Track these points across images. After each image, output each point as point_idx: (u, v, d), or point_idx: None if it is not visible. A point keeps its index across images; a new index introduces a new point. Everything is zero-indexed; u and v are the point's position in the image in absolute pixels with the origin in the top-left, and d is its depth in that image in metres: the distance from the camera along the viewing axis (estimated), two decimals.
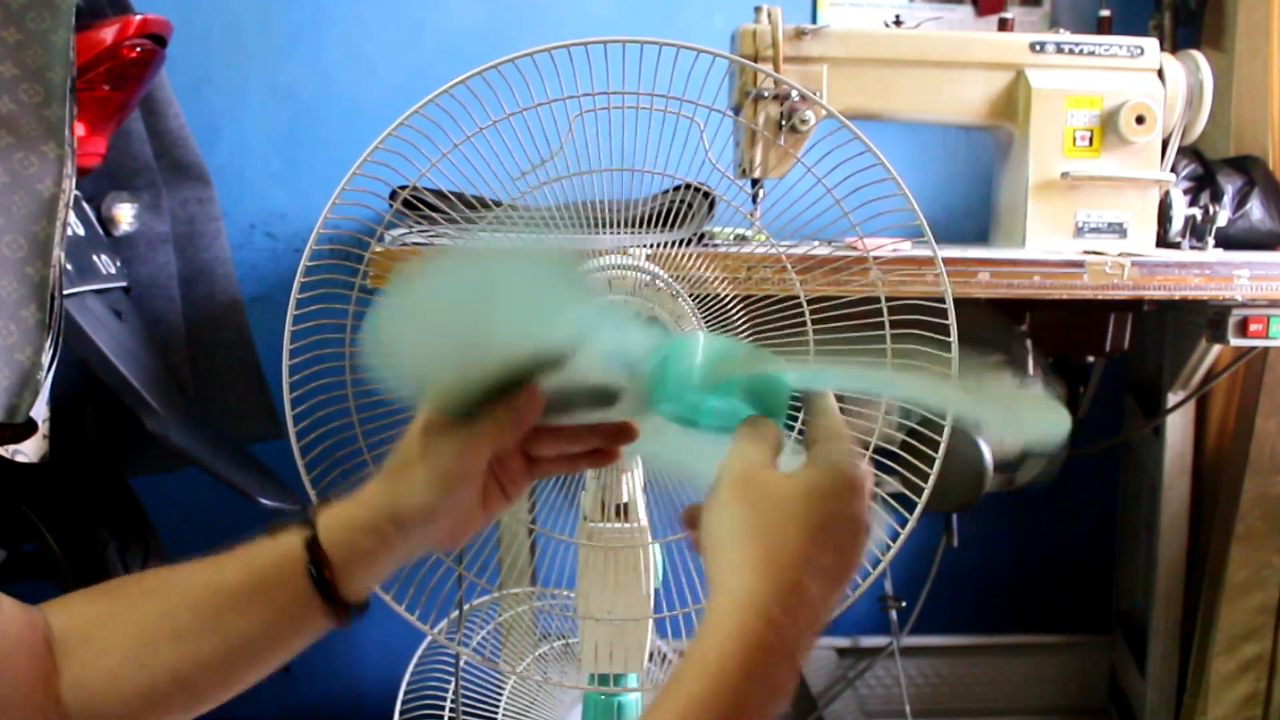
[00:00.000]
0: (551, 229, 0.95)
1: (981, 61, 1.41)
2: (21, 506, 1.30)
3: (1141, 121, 1.38)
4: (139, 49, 1.27)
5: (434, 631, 0.94)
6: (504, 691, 1.38)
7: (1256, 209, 1.54)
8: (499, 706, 1.37)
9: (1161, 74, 1.41)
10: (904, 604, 1.70)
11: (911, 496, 0.89)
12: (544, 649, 1.37)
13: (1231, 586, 1.63)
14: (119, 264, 1.37)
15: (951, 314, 0.90)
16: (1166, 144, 1.43)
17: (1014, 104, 1.42)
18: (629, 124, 0.90)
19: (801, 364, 0.59)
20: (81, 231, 1.31)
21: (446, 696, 1.35)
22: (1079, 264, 1.23)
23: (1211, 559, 1.68)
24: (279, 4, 1.69)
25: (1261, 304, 1.30)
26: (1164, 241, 1.46)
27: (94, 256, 1.31)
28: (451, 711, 1.32)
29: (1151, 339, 1.67)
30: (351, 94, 1.71)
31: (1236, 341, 1.34)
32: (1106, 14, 1.53)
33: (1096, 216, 1.41)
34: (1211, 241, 1.43)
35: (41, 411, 1.06)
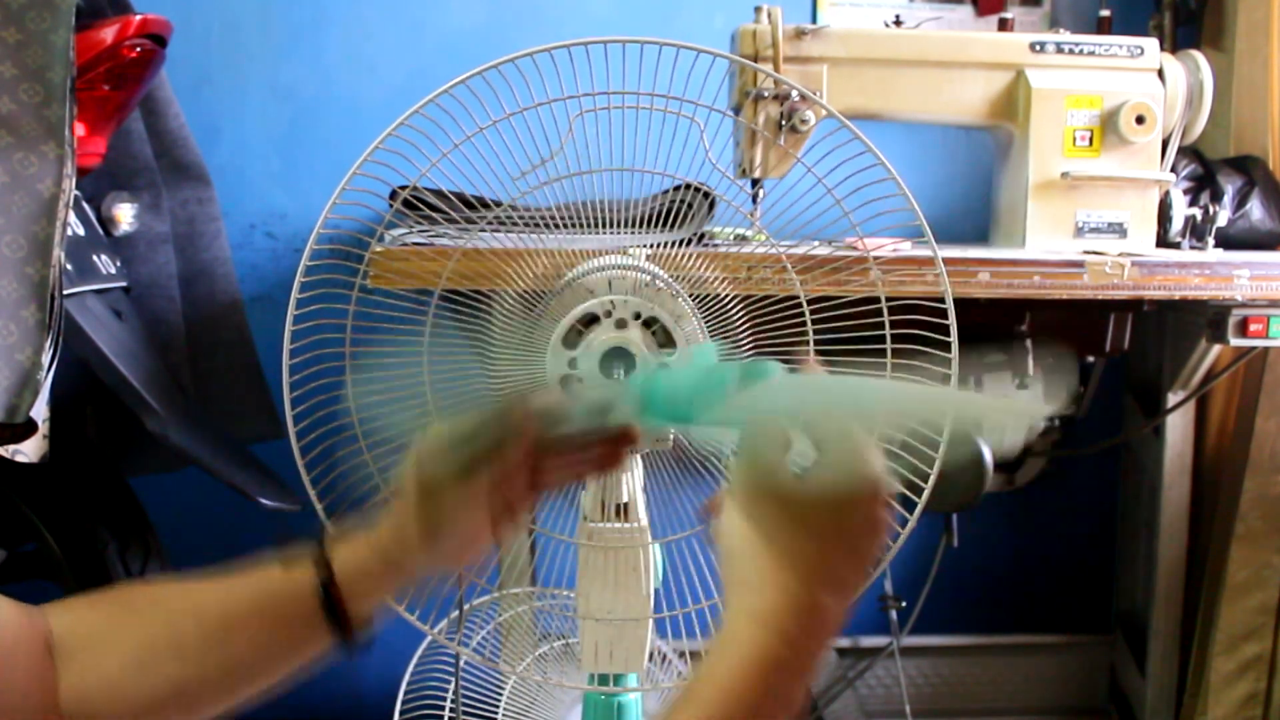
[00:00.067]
0: (551, 229, 0.95)
1: (981, 61, 1.41)
2: (21, 506, 1.30)
3: (1141, 121, 1.38)
4: (139, 49, 1.27)
5: (434, 631, 0.94)
6: (504, 691, 1.38)
7: (1256, 209, 1.54)
8: (499, 706, 1.37)
9: (1161, 74, 1.41)
10: (904, 604, 1.70)
11: (911, 496, 0.89)
12: (544, 649, 1.37)
13: (1231, 586, 1.63)
14: (119, 264, 1.37)
15: (951, 314, 0.90)
16: (1166, 144, 1.43)
17: (1014, 104, 1.42)
18: (629, 124, 0.90)
19: (783, 385, 0.58)
20: (81, 231, 1.31)
21: (446, 696, 1.35)
22: (1079, 264, 1.23)
23: (1211, 559, 1.68)
24: (279, 4, 1.68)
25: (1261, 304, 1.30)
26: (1164, 241, 1.46)
27: (94, 256, 1.31)
28: (451, 711, 1.32)
29: (1151, 339, 1.67)
30: (351, 94, 1.71)
31: (1236, 341, 1.34)
32: (1106, 14, 1.53)
33: (1096, 216, 1.41)
34: (1211, 241, 1.43)
35: (41, 411, 1.06)
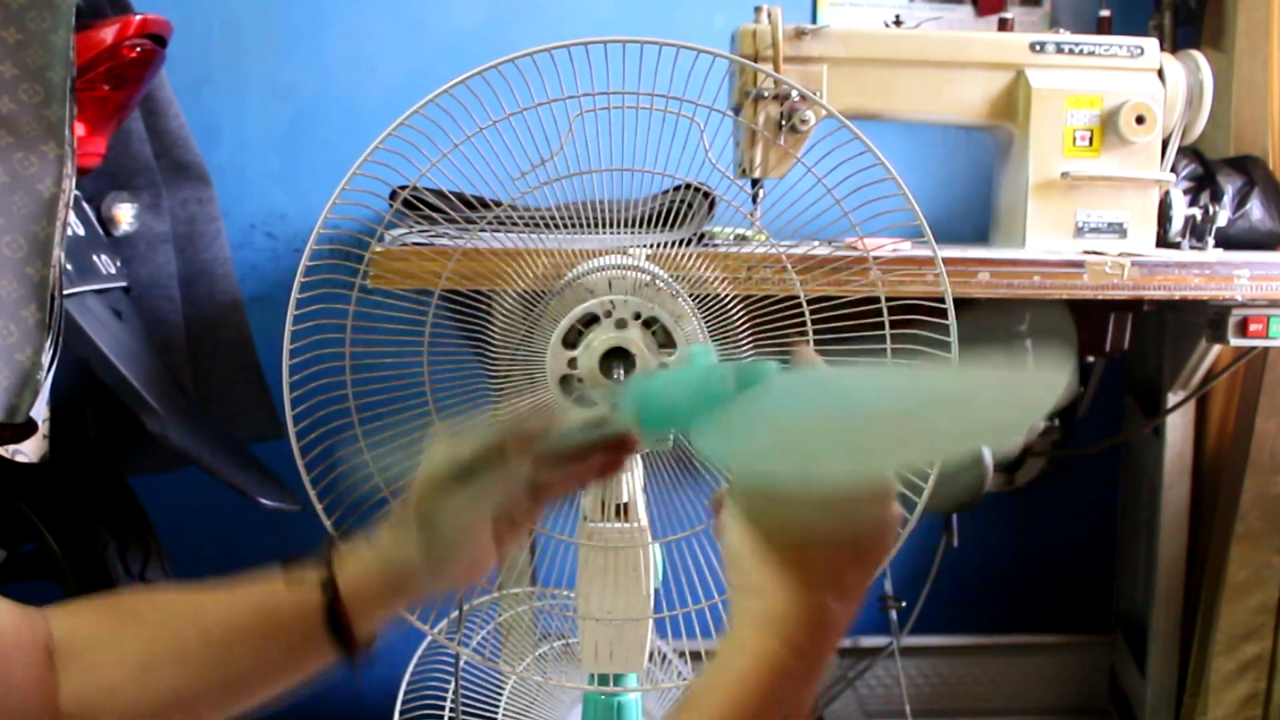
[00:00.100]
0: (551, 229, 0.95)
1: (981, 61, 1.41)
2: (21, 506, 1.30)
3: (1141, 121, 1.38)
4: (139, 49, 1.27)
5: (434, 631, 0.94)
6: (504, 691, 1.38)
7: (1256, 209, 1.54)
8: (499, 706, 1.37)
9: (1161, 74, 1.41)
10: (904, 604, 1.70)
11: (911, 497, 0.89)
12: (544, 649, 1.37)
13: (1231, 586, 1.63)
14: (119, 264, 1.37)
15: (951, 314, 0.90)
16: (1166, 144, 1.43)
17: (1014, 104, 1.42)
18: (629, 124, 0.90)
19: (781, 389, 0.56)
20: (81, 231, 1.31)
21: (446, 696, 1.35)
22: (1079, 264, 1.23)
23: (1211, 559, 1.68)
24: (279, 4, 1.68)
25: (1261, 304, 1.30)
26: (1164, 241, 1.46)
27: (94, 256, 1.31)
28: (451, 711, 1.32)
29: (1151, 339, 1.67)
30: (351, 94, 1.71)
31: (1236, 341, 1.34)
32: (1106, 14, 1.53)
33: (1096, 216, 1.41)
34: (1211, 241, 1.43)
35: (41, 411, 1.06)
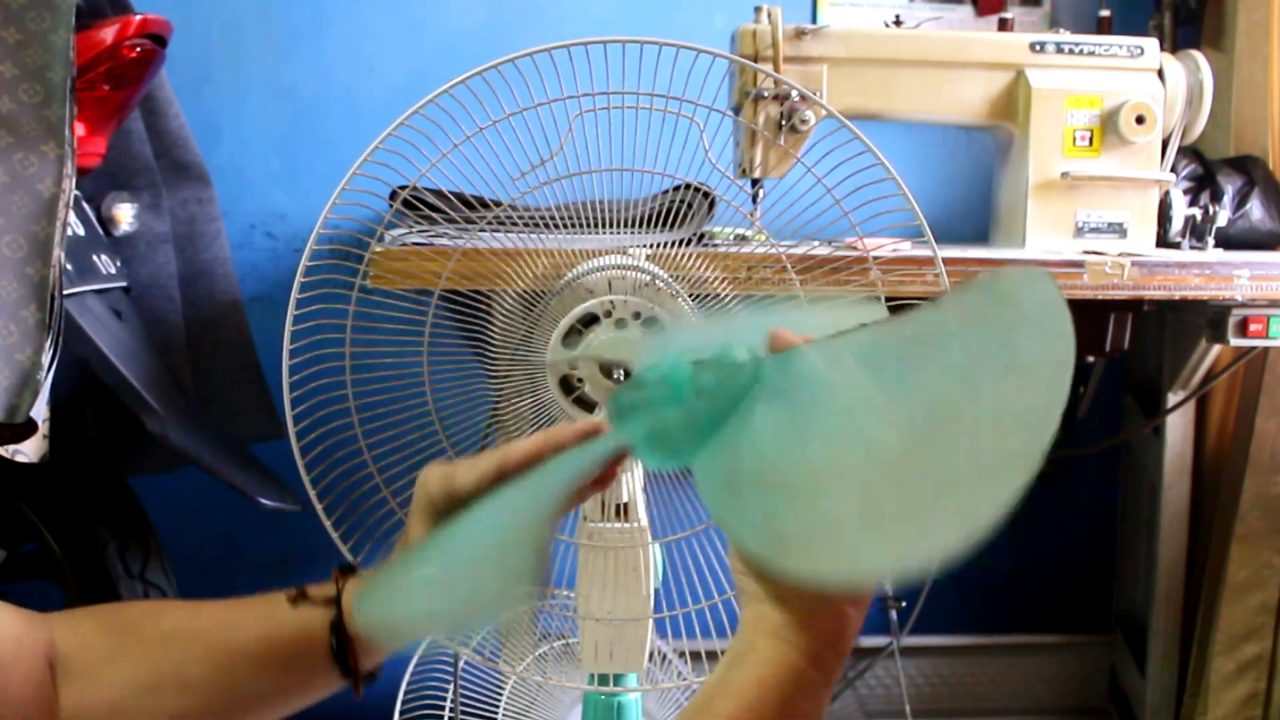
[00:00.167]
0: (551, 229, 0.95)
1: (981, 61, 1.41)
2: (21, 506, 1.30)
3: (1141, 121, 1.38)
4: (139, 49, 1.27)
5: None
6: (504, 691, 1.38)
7: (1256, 209, 1.54)
8: (499, 707, 1.37)
9: (1161, 74, 1.41)
10: (904, 604, 1.70)
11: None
12: (544, 649, 1.37)
13: (1231, 586, 1.63)
14: (119, 264, 1.37)
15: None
16: (1166, 144, 1.43)
17: (1014, 104, 1.42)
18: (629, 124, 0.90)
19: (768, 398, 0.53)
20: (81, 231, 1.31)
21: (446, 696, 1.35)
22: (1079, 264, 1.23)
23: (1211, 559, 1.68)
24: (279, 4, 1.68)
25: (1261, 304, 1.30)
26: (1164, 241, 1.46)
27: (94, 256, 1.31)
28: (451, 711, 1.32)
29: (1151, 339, 1.67)
30: (351, 94, 1.71)
31: (1236, 341, 1.33)
32: (1106, 14, 1.53)
33: (1096, 216, 1.41)
34: (1211, 241, 1.43)
35: (41, 411, 1.06)
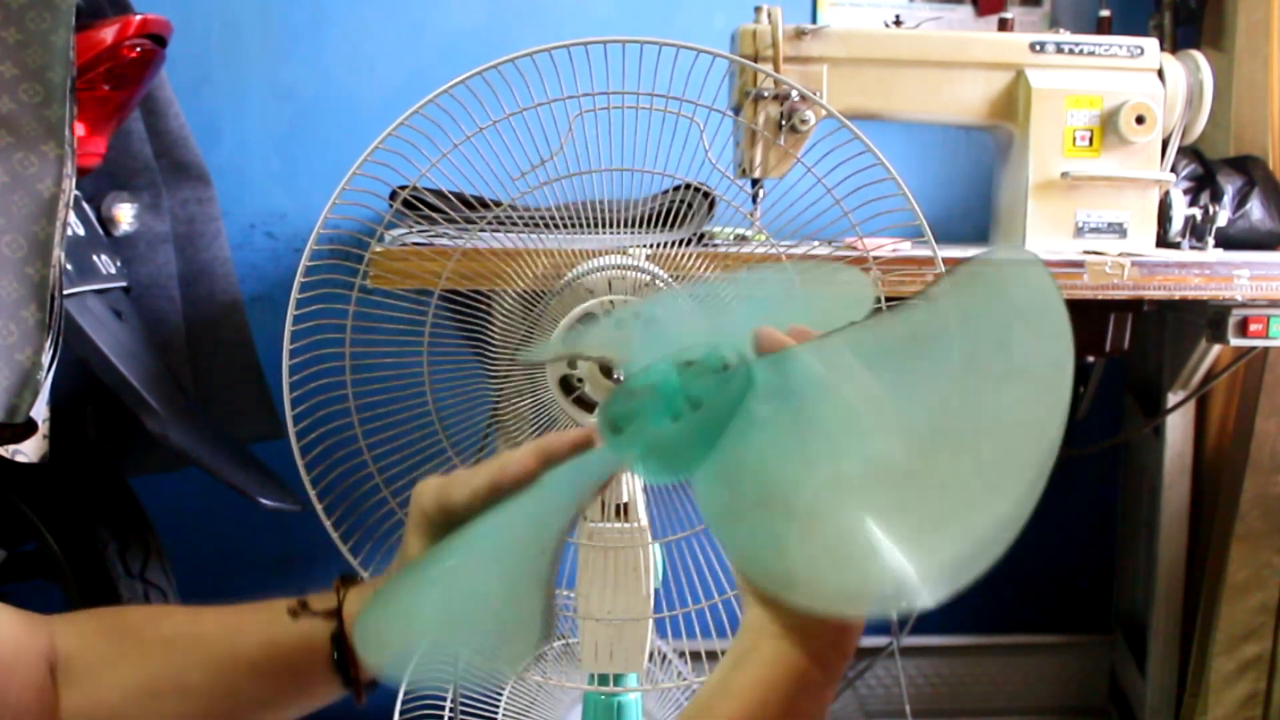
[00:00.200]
0: (551, 229, 0.95)
1: (981, 61, 1.41)
2: (21, 506, 1.30)
3: (1141, 121, 1.38)
4: (139, 49, 1.27)
5: None
6: (504, 691, 1.38)
7: (1256, 209, 1.54)
8: (499, 706, 1.37)
9: (1161, 74, 1.41)
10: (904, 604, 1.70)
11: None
12: (544, 649, 1.37)
13: (1231, 586, 1.63)
14: (119, 264, 1.37)
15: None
16: (1166, 144, 1.43)
17: (1014, 104, 1.42)
18: (629, 124, 0.90)
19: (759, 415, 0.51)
20: (81, 231, 1.31)
21: (446, 696, 1.35)
22: (1079, 264, 1.23)
23: (1211, 559, 1.68)
24: (279, 4, 1.68)
25: (1261, 304, 1.30)
26: (1164, 241, 1.46)
27: (94, 256, 1.31)
28: (451, 711, 1.32)
29: (1151, 339, 1.67)
30: (351, 94, 1.71)
31: (1236, 341, 1.34)
32: (1106, 14, 1.53)
33: (1096, 216, 1.41)
34: (1211, 241, 1.43)
35: (41, 411, 1.06)
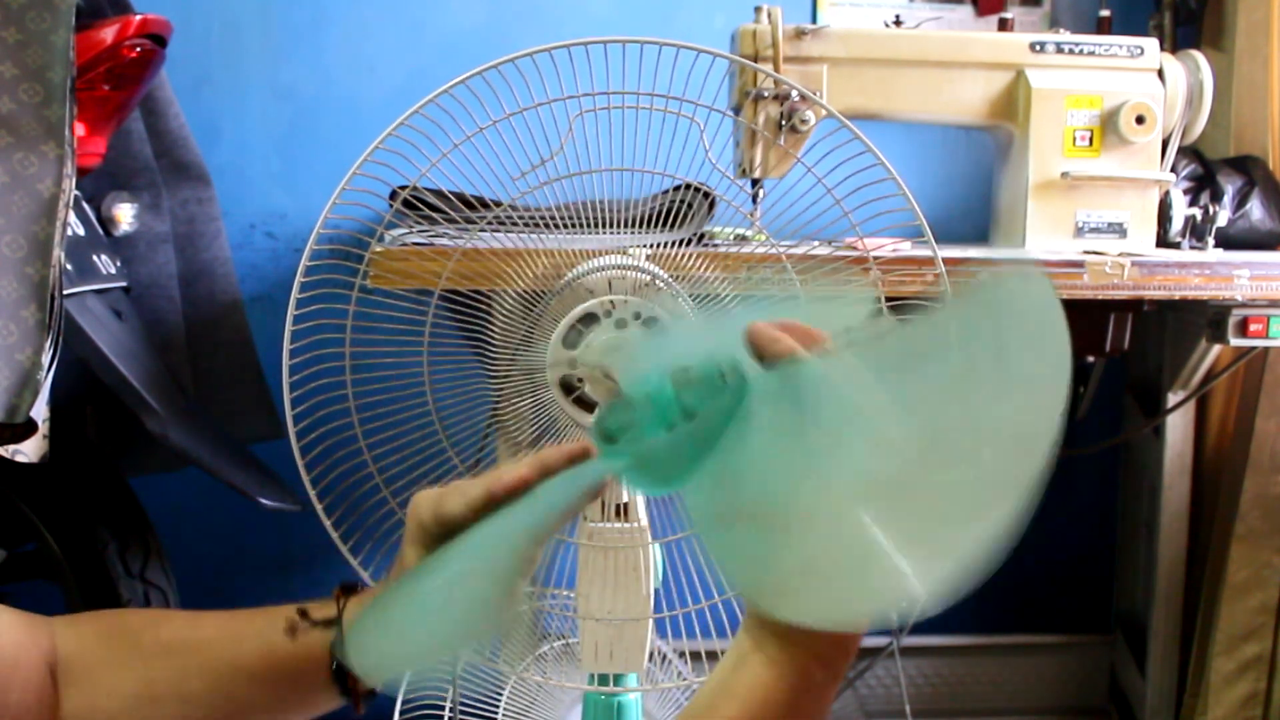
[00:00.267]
0: (551, 229, 0.95)
1: (981, 61, 1.41)
2: (21, 506, 1.30)
3: (1141, 121, 1.38)
4: (139, 49, 1.27)
5: None
6: (504, 692, 1.38)
7: (1256, 209, 1.54)
8: (499, 706, 1.37)
9: (1161, 74, 1.41)
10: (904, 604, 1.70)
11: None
12: (544, 649, 1.37)
13: (1231, 586, 1.63)
14: (119, 264, 1.37)
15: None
16: (1166, 144, 1.43)
17: (1014, 104, 1.42)
18: (629, 124, 0.90)
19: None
20: (81, 231, 1.31)
21: (446, 696, 1.35)
22: (1079, 264, 1.23)
23: (1211, 559, 1.68)
24: (279, 4, 1.68)
25: (1261, 304, 1.30)
26: (1164, 241, 1.46)
27: (94, 256, 1.31)
28: (451, 712, 1.32)
29: (1151, 339, 1.67)
30: (351, 94, 1.71)
31: (1236, 341, 1.33)
32: (1106, 14, 1.53)
33: (1096, 216, 1.41)
34: (1211, 241, 1.43)
35: (41, 411, 1.06)
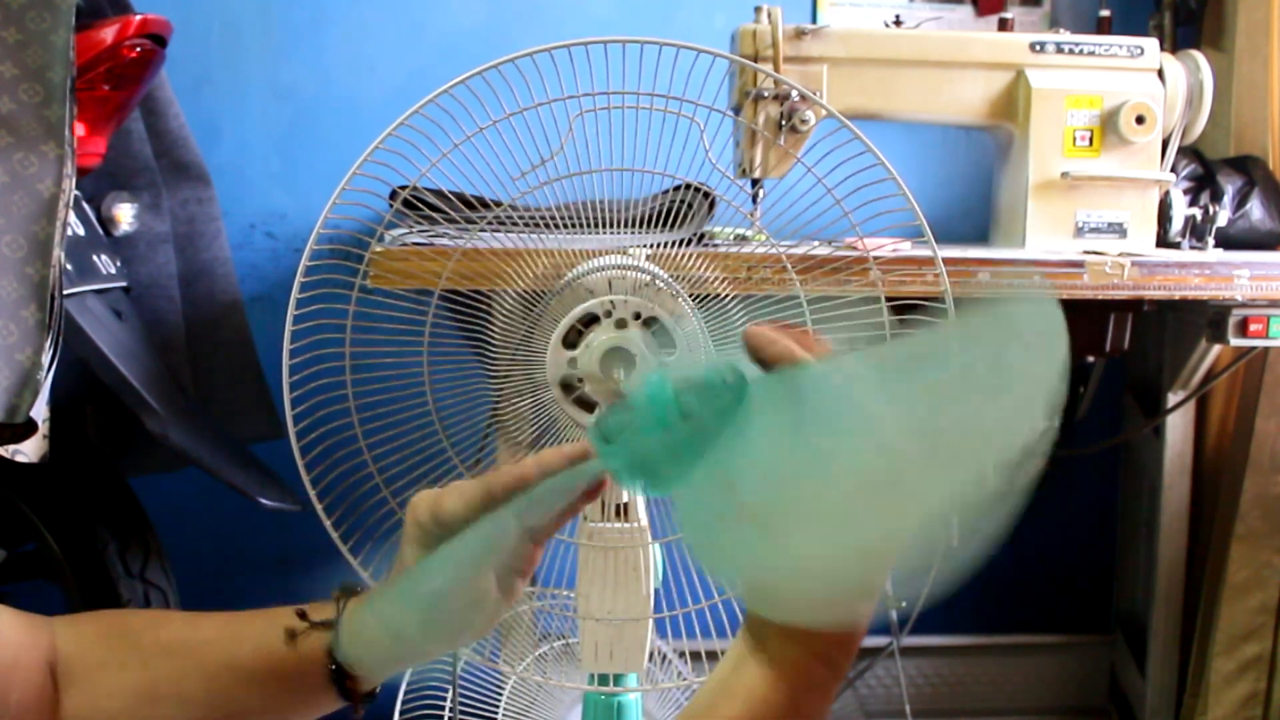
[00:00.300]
0: (551, 229, 0.95)
1: (981, 61, 1.41)
2: (21, 506, 1.30)
3: (1141, 121, 1.38)
4: (139, 49, 1.27)
5: None
6: (504, 692, 1.38)
7: (1256, 209, 1.54)
8: (499, 707, 1.37)
9: (1161, 74, 1.41)
10: (904, 604, 1.69)
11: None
12: (544, 649, 1.37)
13: (1231, 586, 1.63)
14: (119, 264, 1.37)
15: (951, 314, 0.90)
16: (1166, 144, 1.43)
17: (1014, 104, 1.42)
18: (629, 124, 0.90)
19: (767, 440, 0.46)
20: (81, 231, 1.31)
21: (446, 696, 1.35)
22: (1079, 264, 1.23)
23: (1211, 559, 1.68)
24: (279, 4, 1.68)
25: (1261, 304, 1.30)
26: (1164, 241, 1.46)
27: (94, 256, 1.31)
28: (451, 712, 1.32)
29: (1151, 339, 1.67)
30: (351, 94, 1.71)
31: (1236, 341, 1.33)
32: (1106, 14, 1.53)
33: (1096, 216, 1.41)
34: (1211, 241, 1.43)
35: (41, 411, 1.06)
